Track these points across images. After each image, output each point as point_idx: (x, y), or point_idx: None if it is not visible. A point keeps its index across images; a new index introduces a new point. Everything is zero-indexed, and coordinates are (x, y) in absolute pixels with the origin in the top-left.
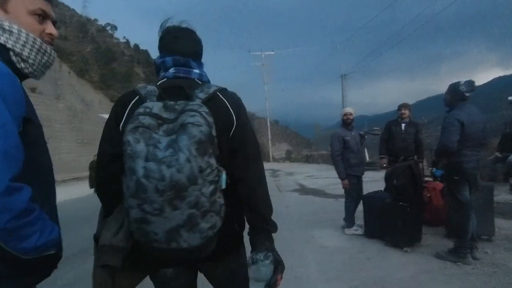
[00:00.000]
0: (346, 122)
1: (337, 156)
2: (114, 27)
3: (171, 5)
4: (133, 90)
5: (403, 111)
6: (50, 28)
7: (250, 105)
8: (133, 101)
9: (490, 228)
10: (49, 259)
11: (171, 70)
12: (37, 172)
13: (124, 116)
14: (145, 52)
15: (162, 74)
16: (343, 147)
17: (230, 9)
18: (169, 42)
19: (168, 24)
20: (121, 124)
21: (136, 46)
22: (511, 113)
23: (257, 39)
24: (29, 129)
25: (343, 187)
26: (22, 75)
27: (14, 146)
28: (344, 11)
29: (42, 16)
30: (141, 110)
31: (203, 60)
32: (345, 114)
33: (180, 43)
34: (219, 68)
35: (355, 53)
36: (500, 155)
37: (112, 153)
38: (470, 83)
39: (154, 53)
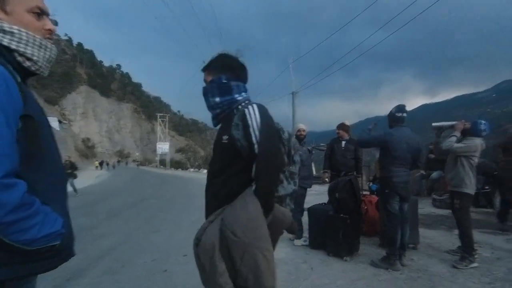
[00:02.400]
0: (299, 138)
1: None
2: (55, 22)
3: (120, 7)
4: None
5: (337, 131)
6: (48, 24)
7: (203, 116)
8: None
9: (415, 238)
10: (54, 250)
11: (246, 95)
12: (42, 167)
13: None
14: (90, 52)
15: (243, 95)
16: None
17: (182, 16)
18: (241, 72)
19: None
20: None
21: (80, 45)
22: (434, 136)
23: (211, 51)
24: (30, 126)
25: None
26: (29, 73)
27: (7, 144)
28: (295, 33)
29: (39, 13)
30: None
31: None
32: (298, 130)
33: (246, 74)
34: (172, 77)
35: (305, 72)
36: (424, 173)
37: None
38: (399, 106)
39: (100, 55)
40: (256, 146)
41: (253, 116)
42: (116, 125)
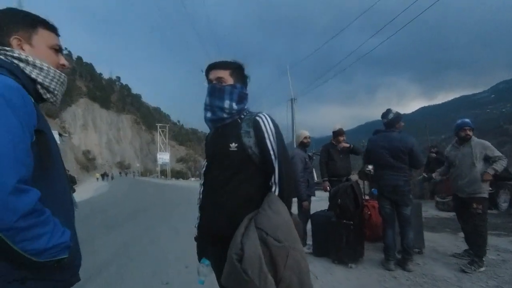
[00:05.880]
0: (306, 145)
1: (301, 178)
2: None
3: (117, 18)
4: None
5: (339, 137)
6: (63, 60)
7: (203, 125)
8: None
9: (420, 242)
10: (64, 265)
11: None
12: (51, 181)
13: None
14: (89, 66)
15: (247, 107)
16: (303, 168)
17: (179, 26)
18: (247, 85)
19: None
20: None
21: (79, 58)
22: (435, 138)
23: (208, 59)
24: (42, 140)
25: (304, 208)
26: (41, 99)
27: (23, 152)
28: (291, 40)
29: (57, 50)
30: None
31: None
32: (305, 137)
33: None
34: (171, 87)
35: (303, 79)
36: (426, 176)
37: None
38: (383, 112)
39: (99, 67)
40: (272, 152)
41: (267, 125)
42: (116, 136)
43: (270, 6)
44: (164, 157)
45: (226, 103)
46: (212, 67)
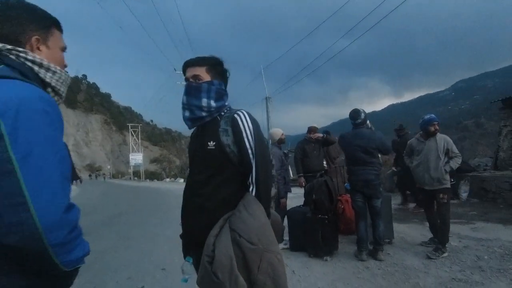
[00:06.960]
0: (284, 142)
1: (279, 175)
2: None
3: (80, 17)
4: None
5: (315, 134)
6: (65, 61)
7: (177, 125)
8: None
9: (390, 233)
10: (76, 272)
11: (228, 103)
12: None
13: None
14: None
15: (227, 104)
16: (280, 165)
17: (149, 26)
18: (227, 81)
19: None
20: None
21: None
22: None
23: (181, 59)
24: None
25: (282, 205)
26: None
27: (67, 167)
28: (265, 43)
29: (63, 51)
30: None
31: None
32: (282, 134)
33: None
34: (143, 86)
35: (278, 79)
36: (395, 170)
37: None
38: (350, 113)
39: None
40: (250, 151)
41: (245, 123)
42: (85, 138)
43: (248, 10)
44: (137, 158)
45: (204, 101)
46: (188, 64)
